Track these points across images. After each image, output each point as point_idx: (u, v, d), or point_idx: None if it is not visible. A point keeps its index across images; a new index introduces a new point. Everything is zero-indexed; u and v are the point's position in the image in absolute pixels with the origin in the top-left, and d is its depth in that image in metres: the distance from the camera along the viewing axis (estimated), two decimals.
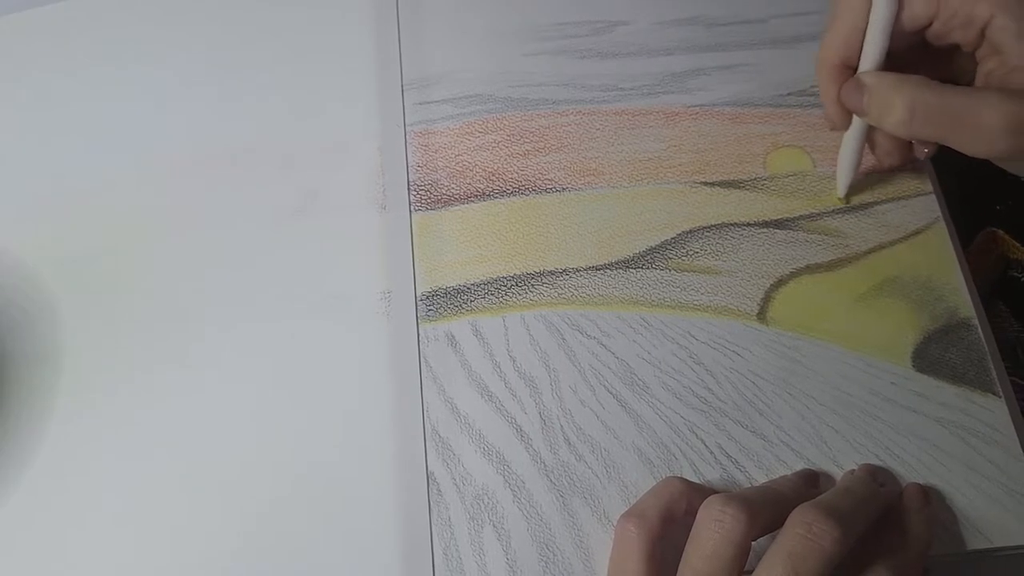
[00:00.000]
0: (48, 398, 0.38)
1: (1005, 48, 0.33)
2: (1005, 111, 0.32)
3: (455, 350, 0.37)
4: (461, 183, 0.41)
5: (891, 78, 0.34)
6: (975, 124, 0.32)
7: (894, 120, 0.34)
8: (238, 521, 0.35)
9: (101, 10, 0.47)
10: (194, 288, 0.40)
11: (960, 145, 0.33)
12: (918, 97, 0.33)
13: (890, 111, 0.34)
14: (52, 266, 0.41)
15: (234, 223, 0.41)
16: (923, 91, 0.33)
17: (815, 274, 0.38)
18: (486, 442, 0.36)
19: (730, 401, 0.36)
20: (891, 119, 0.34)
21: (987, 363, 0.36)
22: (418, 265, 0.39)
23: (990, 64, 0.34)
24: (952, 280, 0.38)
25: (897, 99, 0.34)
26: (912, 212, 0.39)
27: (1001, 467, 0.34)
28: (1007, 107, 0.32)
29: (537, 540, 0.34)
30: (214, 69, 0.45)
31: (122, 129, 0.44)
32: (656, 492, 0.32)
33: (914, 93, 0.33)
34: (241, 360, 0.38)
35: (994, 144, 0.32)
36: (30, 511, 0.36)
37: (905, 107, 0.33)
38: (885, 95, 0.34)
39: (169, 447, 0.36)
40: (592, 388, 0.36)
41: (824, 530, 0.28)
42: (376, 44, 0.45)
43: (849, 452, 0.35)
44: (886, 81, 0.34)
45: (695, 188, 0.41)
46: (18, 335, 0.39)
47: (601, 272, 0.39)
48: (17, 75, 0.46)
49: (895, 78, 0.34)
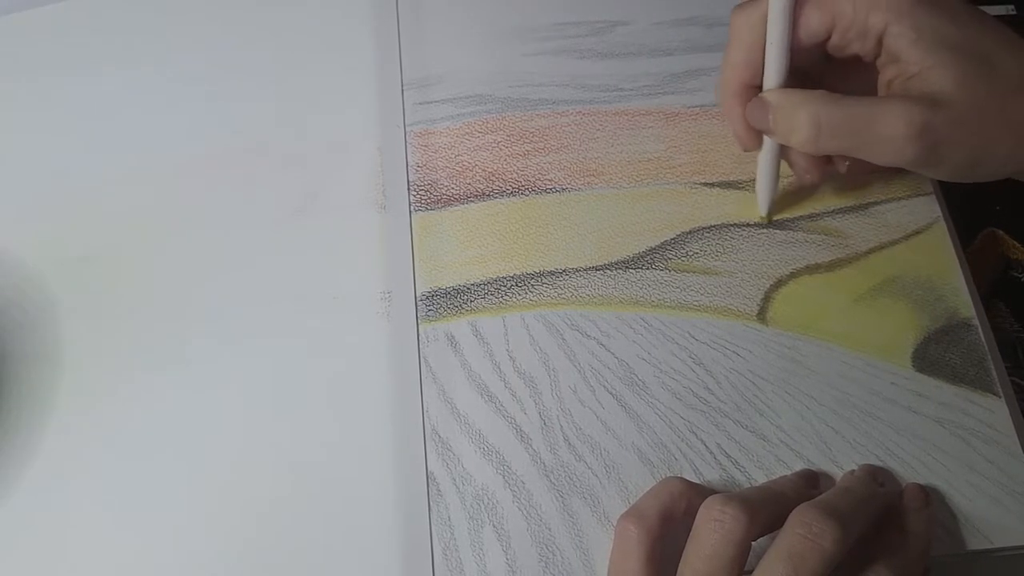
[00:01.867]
0: (48, 398, 0.38)
1: (903, 56, 0.33)
2: (907, 119, 0.32)
3: (455, 350, 0.37)
4: (461, 183, 0.41)
5: (794, 95, 0.34)
6: (880, 134, 0.32)
7: (801, 137, 0.34)
8: (238, 521, 0.35)
9: (101, 10, 0.47)
10: (194, 288, 0.40)
11: (869, 156, 0.34)
12: (822, 112, 0.33)
13: (796, 128, 0.34)
14: (52, 266, 0.41)
15: (234, 223, 0.41)
16: (826, 106, 0.33)
17: (815, 274, 0.38)
18: (486, 442, 0.36)
19: (730, 401, 0.36)
20: (798, 136, 0.34)
21: (987, 363, 0.36)
22: (418, 265, 0.39)
23: (890, 72, 0.34)
24: (952, 280, 0.38)
25: (802, 116, 0.34)
26: (912, 212, 0.39)
27: (1001, 467, 0.34)
28: (908, 115, 0.32)
29: (537, 540, 0.34)
30: (214, 69, 0.45)
31: (122, 129, 0.44)
32: (656, 492, 0.32)
33: (818, 108, 0.33)
34: (241, 360, 0.38)
35: (901, 152, 0.33)
36: (30, 511, 0.36)
37: (810, 123, 0.33)
38: (790, 113, 0.34)
39: (169, 447, 0.36)
40: (592, 388, 0.36)
41: (824, 530, 0.28)
42: (376, 44, 0.45)
43: (849, 452, 0.35)
44: (789, 98, 0.34)
45: (695, 188, 0.41)
46: (18, 335, 0.39)
47: (601, 272, 0.39)
48: (17, 75, 0.46)
49: (798, 95, 0.34)
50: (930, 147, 0.32)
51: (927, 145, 0.32)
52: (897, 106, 0.32)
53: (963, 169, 0.34)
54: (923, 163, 0.33)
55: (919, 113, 0.32)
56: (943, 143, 0.32)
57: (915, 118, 0.32)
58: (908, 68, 0.33)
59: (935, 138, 0.32)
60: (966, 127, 0.32)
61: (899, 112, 0.32)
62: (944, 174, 0.34)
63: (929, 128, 0.32)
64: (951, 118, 0.32)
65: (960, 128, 0.32)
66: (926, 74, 0.32)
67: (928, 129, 0.32)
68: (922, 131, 0.32)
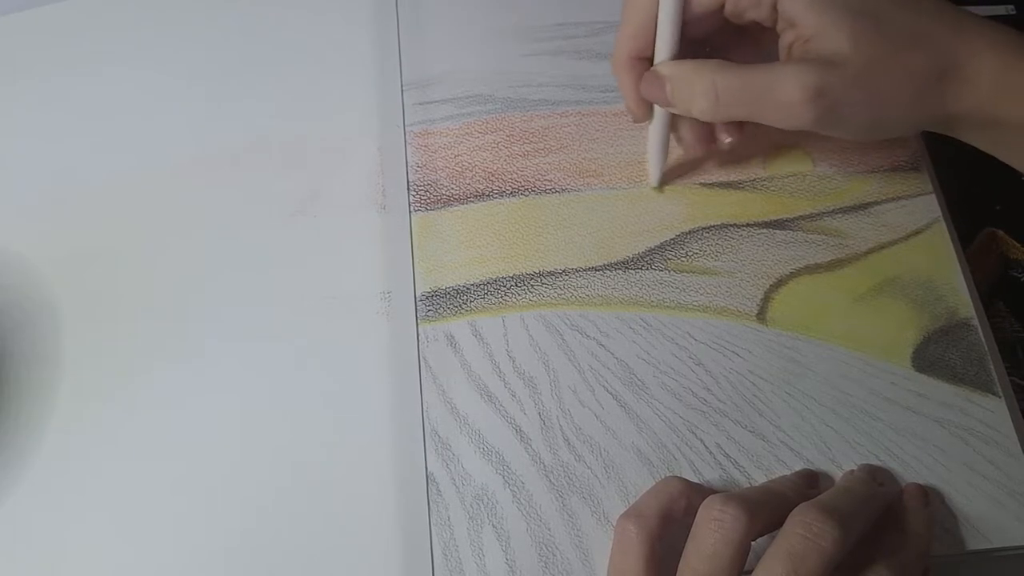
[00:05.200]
0: (48, 398, 0.38)
1: (798, 19, 0.33)
2: (803, 82, 0.32)
3: (455, 350, 0.37)
4: (461, 183, 0.41)
5: (689, 65, 0.34)
6: (777, 99, 0.33)
7: (700, 107, 0.34)
8: (238, 520, 0.35)
9: (101, 10, 0.47)
10: (194, 288, 0.40)
11: (771, 121, 0.34)
12: (719, 80, 0.33)
13: (694, 98, 0.34)
14: (52, 266, 0.41)
15: (234, 223, 0.41)
16: (723, 74, 0.33)
17: (815, 274, 0.38)
18: (485, 442, 0.35)
19: (729, 401, 0.36)
20: (697, 106, 0.34)
21: (987, 363, 0.36)
22: (418, 265, 0.39)
23: (789, 37, 0.34)
24: (952, 280, 0.38)
25: (699, 85, 0.34)
26: (912, 212, 0.39)
27: (1001, 467, 0.34)
28: (804, 78, 0.32)
29: (536, 540, 0.34)
30: (214, 69, 0.45)
31: (122, 129, 0.44)
32: (655, 492, 0.32)
33: (714, 77, 0.34)
34: (241, 360, 0.38)
35: (800, 116, 0.33)
36: (30, 511, 0.36)
37: (708, 92, 0.34)
38: (686, 83, 0.34)
39: (169, 447, 0.36)
40: (591, 388, 0.36)
41: (824, 530, 0.28)
42: (376, 44, 0.45)
43: (849, 452, 0.35)
44: (685, 69, 0.35)
45: (695, 188, 0.41)
46: (18, 335, 0.39)
47: (600, 273, 0.39)
48: (17, 75, 0.46)
49: (693, 65, 0.34)
50: (828, 108, 0.32)
51: (825, 107, 0.32)
52: (792, 70, 0.32)
53: (866, 128, 0.34)
54: (823, 125, 0.33)
55: (814, 76, 0.32)
56: (841, 103, 0.32)
57: (810, 81, 0.32)
58: (804, 31, 0.33)
59: (832, 99, 0.32)
60: (863, 86, 0.32)
61: (794, 76, 0.32)
62: (848, 134, 0.34)
63: (825, 90, 0.32)
64: (847, 78, 0.32)
65: (857, 87, 0.32)
66: (821, 35, 0.32)
67: (824, 91, 0.32)
68: (818, 93, 0.32)
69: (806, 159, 0.41)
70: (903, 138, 0.41)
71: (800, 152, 0.41)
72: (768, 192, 0.40)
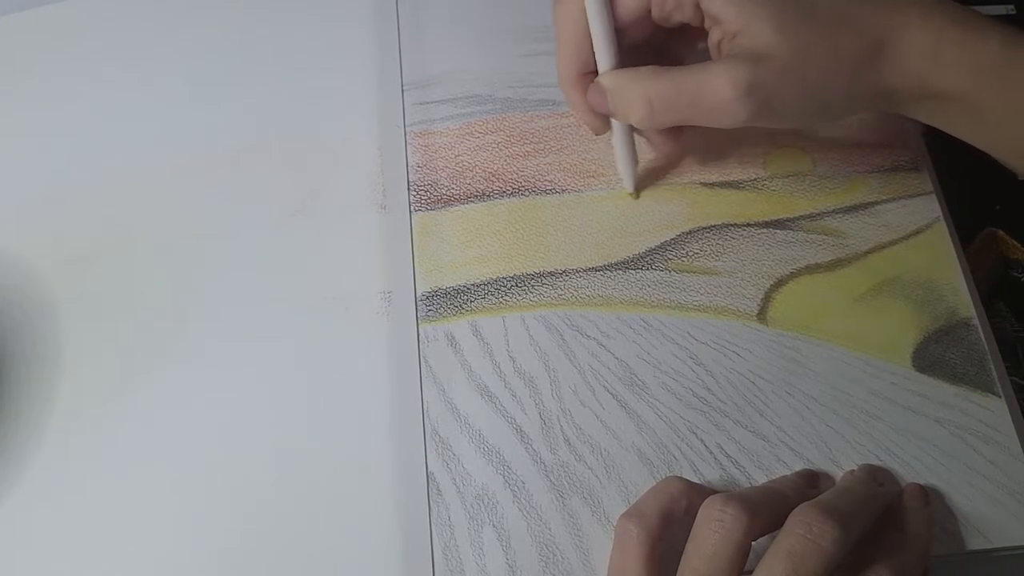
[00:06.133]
0: (48, 398, 0.38)
1: (721, 16, 0.33)
2: (732, 79, 0.32)
3: (455, 350, 0.37)
4: (461, 184, 0.41)
5: (625, 75, 0.34)
6: (710, 101, 0.32)
7: (637, 116, 0.34)
8: (238, 520, 0.35)
9: (101, 10, 0.47)
10: (194, 288, 0.40)
11: (708, 122, 0.33)
12: (651, 88, 0.33)
13: (630, 108, 0.34)
14: (52, 266, 0.41)
15: (234, 223, 0.41)
16: (655, 81, 0.33)
17: (815, 274, 0.38)
18: (486, 442, 0.35)
19: (730, 401, 0.36)
20: (634, 115, 0.34)
21: (987, 363, 0.36)
22: (418, 265, 0.39)
23: (716, 35, 0.34)
24: (952, 280, 0.38)
25: (634, 94, 0.34)
26: (912, 212, 0.39)
27: (1001, 467, 0.34)
28: (732, 75, 0.32)
29: (537, 540, 0.34)
30: (214, 69, 0.45)
31: (122, 129, 0.44)
32: (656, 492, 0.32)
33: (647, 85, 0.33)
34: (241, 360, 0.38)
35: (735, 114, 0.32)
36: (30, 511, 0.36)
37: (643, 101, 0.33)
38: (622, 93, 0.34)
39: (169, 447, 0.36)
40: (592, 388, 0.36)
41: (824, 530, 0.28)
42: (376, 44, 0.45)
43: (849, 452, 0.35)
44: (621, 79, 0.34)
45: (695, 188, 0.41)
46: (18, 335, 0.39)
47: (601, 273, 0.39)
48: (17, 75, 0.46)
49: (628, 74, 0.34)
50: (761, 103, 0.32)
51: (758, 102, 0.32)
52: (720, 69, 0.32)
53: (808, 116, 0.34)
54: (760, 119, 0.33)
55: (743, 72, 0.32)
56: (774, 96, 0.32)
57: (740, 78, 0.31)
58: (729, 27, 0.33)
59: (765, 93, 0.32)
60: (795, 74, 0.32)
61: (723, 75, 0.32)
62: (788, 123, 0.34)
63: (756, 85, 0.32)
64: (777, 69, 0.32)
65: (788, 78, 0.32)
66: (746, 30, 0.32)
67: (755, 86, 0.32)
68: (749, 89, 0.32)
69: (806, 159, 0.41)
70: (904, 138, 0.41)
71: (800, 152, 0.41)
72: (768, 192, 0.40)
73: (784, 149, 0.41)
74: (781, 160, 0.41)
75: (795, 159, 0.41)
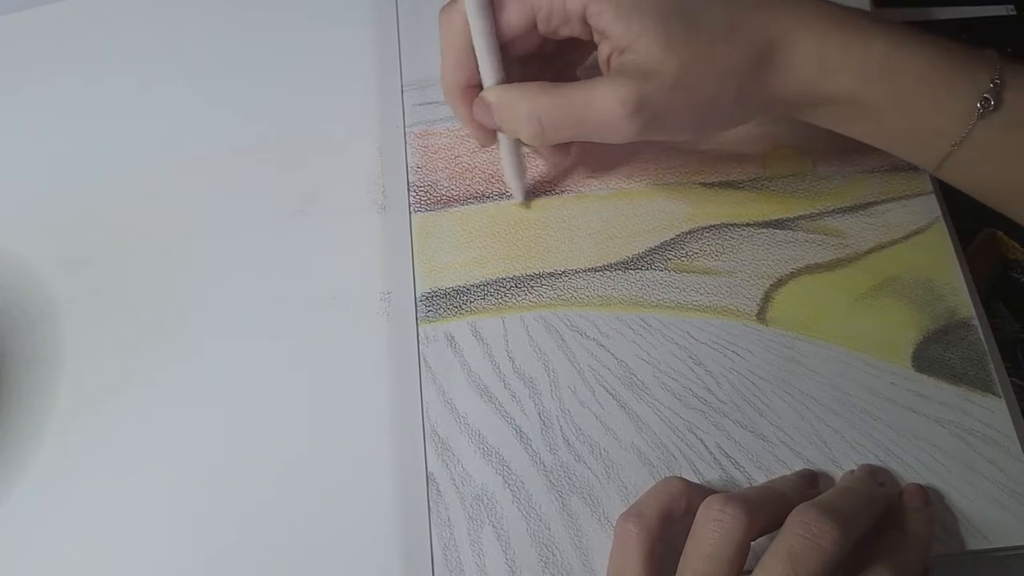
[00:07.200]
0: (48, 398, 0.38)
1: (608, 32, 0.32)
2: (620, 97, 0.31)
3: (454, 351, 0.37)
4: (460, 184, 0.41)
5: (513, 91, 0.34)
6: (599, 117, 0.32)
7: (527, 133, 0.34)
8: (238, 520, 0.35)
9: (101, 10, 0.47)
10: (194, 288, 0.40)
11: (598, 139, 0.33)
12: (539, 105, 0.33)
13: (520, 125, 0.34)
14: (52, 266, 0.41)
15: (234, 223, 0.41)
16: (543, 98, 0.33)
17: (815, 274, 0.38)
18: (485, 442, 0.35)
19: (729, 401, 0.36)
20: (524, 132, 0.34)
21: (987, 363, 0.36)
22: (417, 266, 0.39)
23: (605, 50, 0.33)
24: (952, 280, 0.38)
25: (522, 112, 0.33)
26: (912, 212, 0.39)
27: (1001, 467, 0.34)
28: (619, 93, 0.31)
29: (536, 540, 0.34)
30: (214, 69, 0.45)
31: (122, 129, 0.44)
32: (655, 492, 0.32)
33: (535, 103, 0.33)
34: (241, 360, 0.38)
35: (624, 131, 0.32)
36: (30, 511, 0.36)
37: (532, 119, 0.33)
38: (511, 110, 0.34)
39: (168, 446, 0.36)
40: (591, 389, 0.36)
41: (824, 530, 0.28)
42: (376, 45, 0.45)
43: (849, 452, 0.35)
44: (509, 95, 0.34)
45: (695, 188, 0.41)
46: (18, 335, 0.39)
47: (600, 273, 0.39)
48: (17, 75, 0.46)
49: (515, 91, 0.34)
50: (649, 119, 0.32)
51: (646, 118, 0.32)
52: (608, 86, 0.32)
53: (696, 129, 0.34)
54: (650, 134, 0.33)
55: (630, 89, 0.31)
56: (662, 112, 0.32)
57: (628, 95, 0.31)
58: (618, 43, 0.32)
59: (653, 110, 0.32)
60: (683, 89, 0.32)
61: (610, 92, 0.32)
62: (680, 137, 0.34)
63: (644, 101, 0.31)
64: (664, 85, 0.31)
65: (677, 92, 0.32)
66: (634, 45, 0.32)
67: (643, 103, 0.31)
68: (637, 107, 0.31)
69: (806, 159, 0.41)
70: None
71: (800, 152, 0.41)
72: (768, 192, 0.40)
73: (784, 149, 0.41)
74: (781, 160, 0.41)
75: (795, 159, 0.41)
